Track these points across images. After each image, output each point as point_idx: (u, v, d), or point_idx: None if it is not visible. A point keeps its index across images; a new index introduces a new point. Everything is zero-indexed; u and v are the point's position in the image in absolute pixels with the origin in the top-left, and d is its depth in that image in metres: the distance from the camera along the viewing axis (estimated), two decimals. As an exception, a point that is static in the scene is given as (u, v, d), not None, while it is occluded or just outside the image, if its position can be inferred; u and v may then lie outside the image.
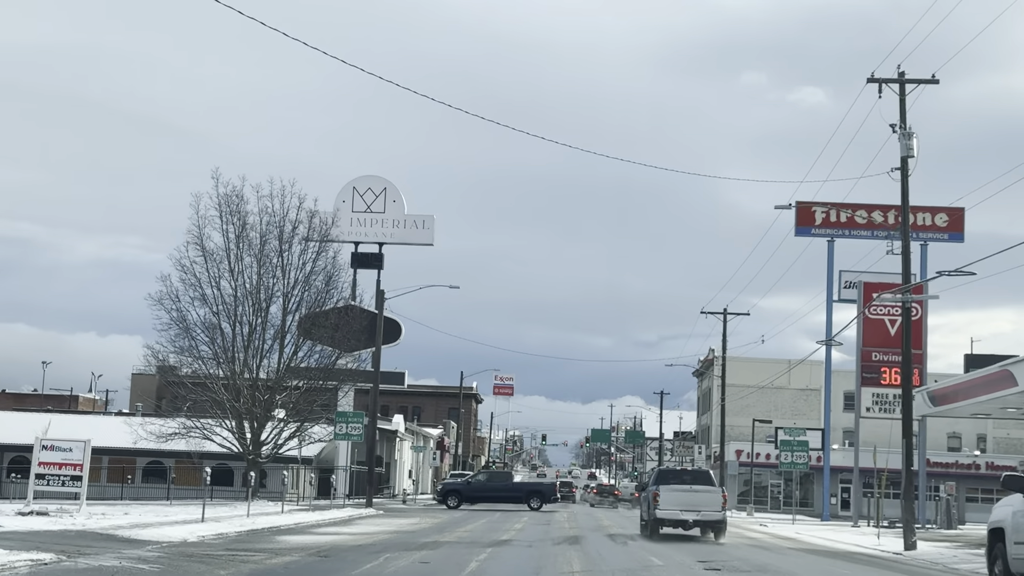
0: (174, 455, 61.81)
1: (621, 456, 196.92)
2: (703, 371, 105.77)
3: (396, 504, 64.55)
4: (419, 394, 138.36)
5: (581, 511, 71.70)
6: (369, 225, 78.50)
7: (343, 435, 49.52)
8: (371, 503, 50.51)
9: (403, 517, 43.93)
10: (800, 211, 66.55)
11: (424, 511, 53.04)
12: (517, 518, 46.89)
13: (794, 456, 52.73)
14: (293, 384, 50.14)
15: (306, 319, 49.80)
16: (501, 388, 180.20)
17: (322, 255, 50.47)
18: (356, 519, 40.67)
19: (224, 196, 48.83)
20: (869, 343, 51.87)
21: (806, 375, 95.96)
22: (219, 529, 26.97)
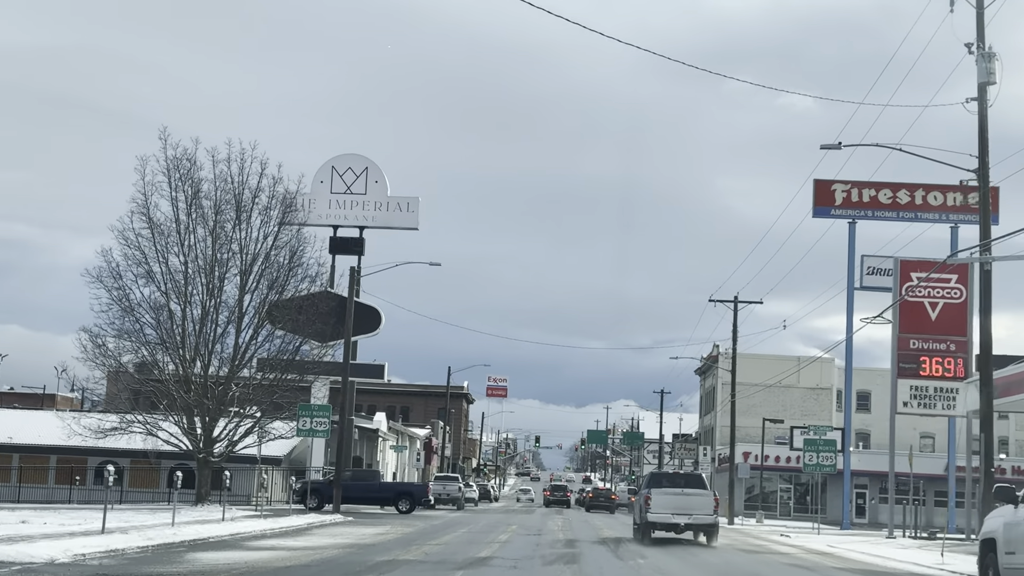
0: (129, 454, 55.88)
1: (617, 459, 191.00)
2: (707, 369, 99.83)
3: (373, 509, 58.53)
4: (407, 393, 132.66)
5: (576, 517, 65.90)
6: (349, 207, 72.64)
7: (307, 431, 43.59)
8: (339, 508, 44.57)
9: (371, 525, 38.00)
10: (818, 189, 60.75)
11: (402, 517, 47.12)
12: (504, 526, 40.99)
13: (820, 458, 46.81)
14: (252, 374, 44.11)
15: (269, 302, 43.76)
16: (494, 389, 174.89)
17: (286, 228, 44.42)
18: (314, 528, 34.74)
19: (173, 159, 42.94)
20: (907, 329, 46.01)
21: (816, 374, 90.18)
22: (117, 544, 21.06)
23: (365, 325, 62.55)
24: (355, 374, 63.07)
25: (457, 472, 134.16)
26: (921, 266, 46.81)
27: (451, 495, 68.84)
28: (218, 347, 43.53)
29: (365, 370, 63.79)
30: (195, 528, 27.90)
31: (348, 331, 46.67)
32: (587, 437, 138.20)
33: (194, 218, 43.30)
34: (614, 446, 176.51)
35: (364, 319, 62.63)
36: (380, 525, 38.65)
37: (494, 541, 29.99)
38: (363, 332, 62.86)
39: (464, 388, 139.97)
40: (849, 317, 58.87)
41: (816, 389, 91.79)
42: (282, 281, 44.13)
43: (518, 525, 43.95)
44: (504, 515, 60.34)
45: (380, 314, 62.77)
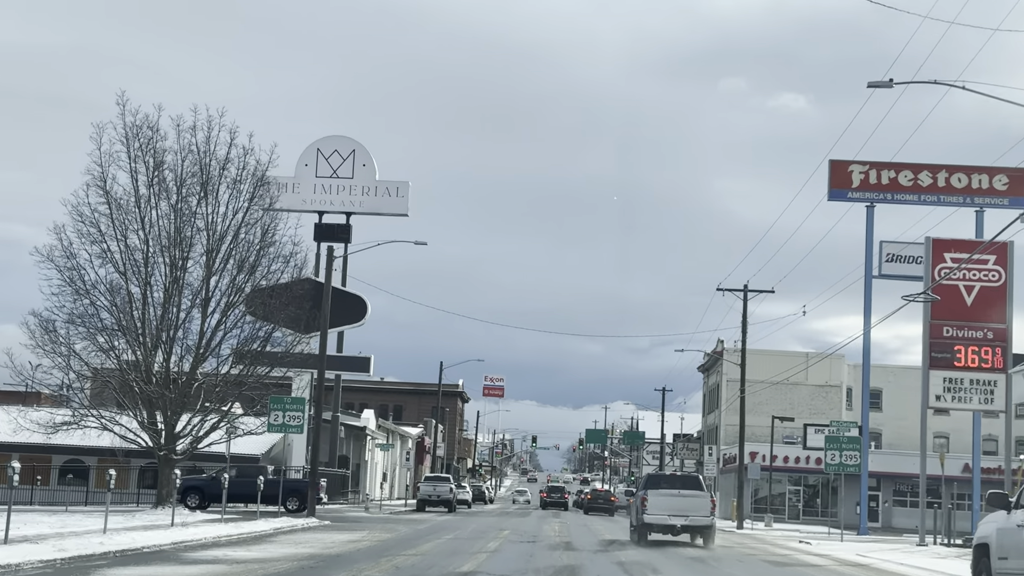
0: (97, 452, 52.02)
1: (615, 461, 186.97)
2: (711, 365, 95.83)
3: (357, 512, 54.58)
4: (400, 391, 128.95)
5: (574, 520, 61.99)
6: (335, 192, 68.73)
7: (279, 426, 39.61)
8: (313, 512, 40.59)
9: (347, 531, 34.08)
10: (834, 171, 56.77)
11: (383, 522, 43.19)
12: (495, 532, 37.06)
13: (843, 456, 42.77)
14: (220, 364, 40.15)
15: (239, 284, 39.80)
16: (491, 389, 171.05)
17: (258, 202, 40.40)
18: (280, 534, 30.82)
19: (133, 127, 38.93)
20: (940, 315, 41.94)
21: (825, 371, 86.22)
22: (15, 558, 17.11)
23: (349, 315, 58.66)
24: (338, 367, 59.22)
25: (451, 473, 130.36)
26: (955, 245, 42.87)
27: (442, 497, 64.90)
28: (181, 334, 39.49)
29: (349, 363, 59.83)
30: (132, 536, 23.97)
31: (324, 318, 42.74)
32: (585, 437, 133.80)
33: (156, 192, 39.33)
34: (613, 446, 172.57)
35: (348, 308, 58.75)
36: (357, 530, 34.72)
37: (481, 551, 26.04)
38: (347, 322, 58.98)
39: (459, 387, 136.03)
40: (867, 307, 54.89)
41: (825, 387, 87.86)
42: (253, 261, 40.09)
43: (511, 530, 40.03)
44: (498, 518, 56.41)
45: (365, 303, 58.84)
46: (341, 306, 58.70)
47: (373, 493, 78.15)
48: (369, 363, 58.37)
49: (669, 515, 32.47)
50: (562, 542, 31.62)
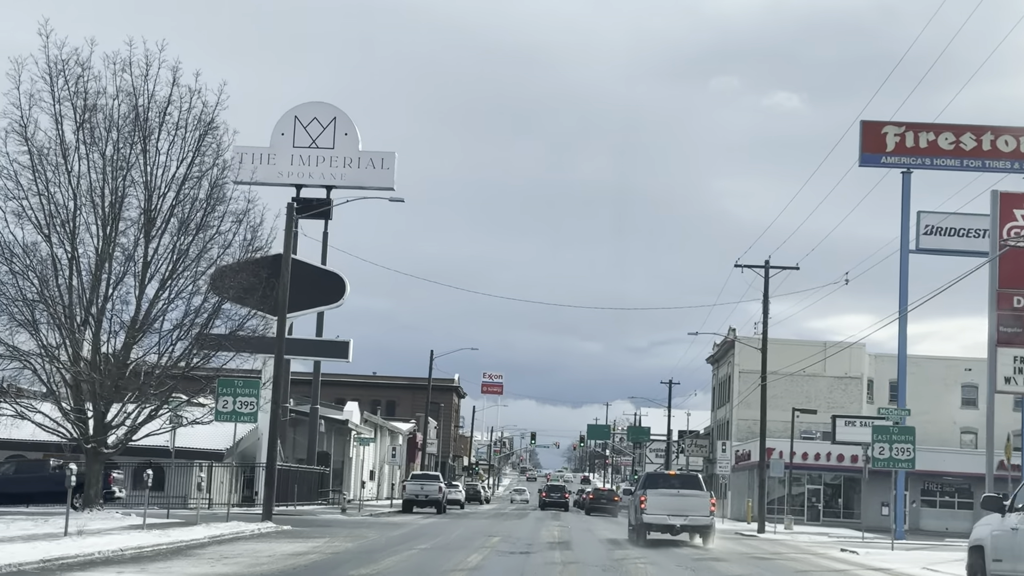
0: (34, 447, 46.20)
1: (617, 459, 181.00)
2: (721, 356, 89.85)
3: (331, 514, 48.71)
4: (393, 386, 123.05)
5: (576, 522, 56.17)
6: (314, 164, 62.81)
7: (228, 414, 33.63)
8: (270, 514, 34.62)
9: (302, 539, 28.21)
10: (867, 133, 50.88)
11: (355, 527, 37.32)
12: (483, 539, 31.18)
13: (894, 450, 36.79)
14: (163, 341, 34.21)
15: (180, 248, 33.85)
16: (490, 386, 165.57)
17: (205, 153, 34.38)
18: (212, 544, 24.97)
19: (58, 62, 32.94)
20: (1010, 282, 35.91)
21: (844, 361, 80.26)
22: None
23: (324, 294, 52.76)
24: (313, 352, 53.34)
25: (447, 471, 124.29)
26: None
27: (430, 497, 59.02)
28: (114, 306, 33.53)
29: (324, 348, 53.86)
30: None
31: (284, 288, 36.73)
32: (587, 433, 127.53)
33: (86, 140, 33.36)
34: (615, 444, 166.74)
35: (323, 287, 52.87)
36: (315, 538, 28.83)
37: (456, 568, 20.12)
38: (322, 302, 53.06)
39: (454, 381, 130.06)
40: (903, 284, 49.07)
41: (844, 378, 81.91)
42: (199, 221, 34.07)
43: (502, 536, 34.14)
44: (490, 521, 50.54)
45: (343, 282, 52.90)
46: (316, 285, 52.90)
47: (357, 493, 72.25)
48: (347, 348, 52.41)
49: (668, 515, 32.22)
50: (562, 559, 25.67)
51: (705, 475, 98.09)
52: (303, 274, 52.90)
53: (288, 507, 50.54)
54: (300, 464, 60.21)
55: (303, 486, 55.72)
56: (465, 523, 45.21)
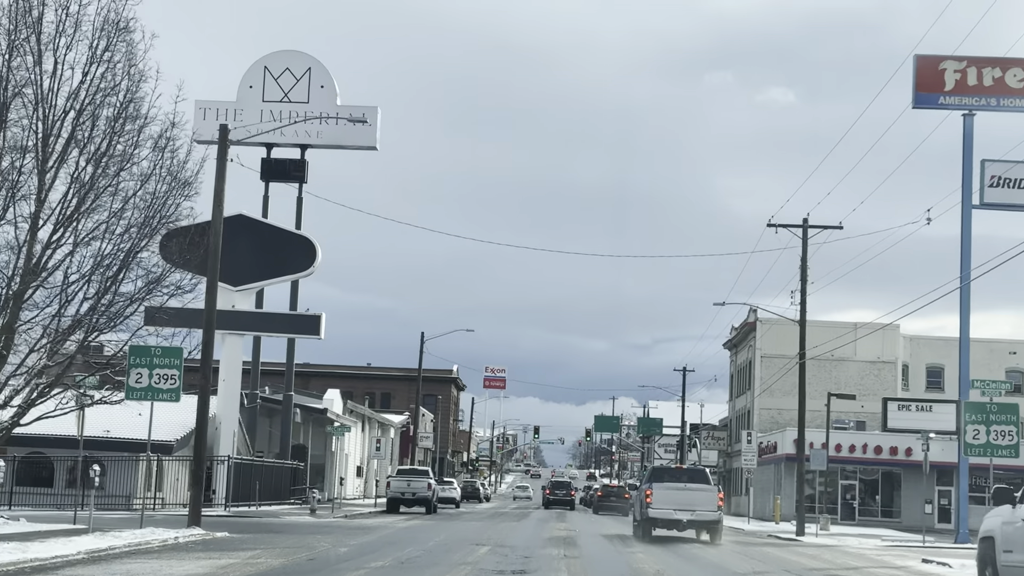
0: None
1: (625, 455, 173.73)
2: (739, 340, 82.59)
3: (297, 516, 41.62)
4: (388, 378, 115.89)
5: (584, 522, 49.29)
6: (287, 120, 55.44)
7: (142, 391, 26.37)
8: (198, 519, 27.39)
9: (225, 552, 21.22)
10: (922, 70, 43.71)
11: (316, 532, 30.27)
12: (468, 549, 24.07)
13: (993, 434, 29.49)
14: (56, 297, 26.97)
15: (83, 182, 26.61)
16: (492, 381, 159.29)
17: (114, 61, 27.04)
18: (84, 562, 17.95)
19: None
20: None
21: (876, 344, 72.98)
22: None
23: (290, 261, 45.70)
24: (277, 328, 46.25)
25: (444, 468, 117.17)
26: None
27: (418, 495, 51.95)
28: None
29: (290, 323, 46.62)
30: None
31: (215, 231, 29.40)
32: (594, 425, 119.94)
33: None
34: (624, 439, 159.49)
35: (289, 252, 45.82)
36: (241, 551, 21.74)
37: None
38: (290, 270, 45.99)
39: (453, 372, 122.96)
40: (966, 241, 41.89)
41: (877, 363, 74.63)
42: (104, 147, 26.76)
43: (494, 544, 27.07)
44: (485, 522, 43.44)
45: (314, 246, 45.75)
46: (282, 250, 45.86)
47: (336, 490, 65.17)
48: (319, 323, 45.19)
49: (674, 509, 31.67)
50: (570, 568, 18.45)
51: (722, 470, 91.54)
52: (266, 237, 46.09)
53: (249, 508, 43.46)
54: (271, 458, 53.15)
55: (271, 484, 48.65)
56: (454, 526, 38.09)
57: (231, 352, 44.85)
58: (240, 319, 44.73)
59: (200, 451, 27.75)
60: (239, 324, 44.73)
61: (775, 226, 44.26)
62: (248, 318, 44.79)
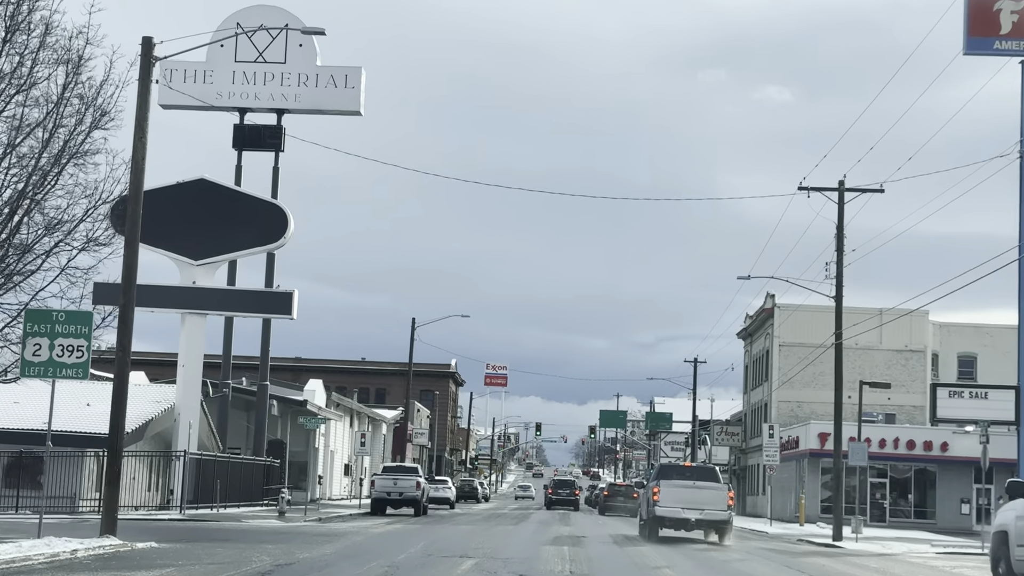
0: None
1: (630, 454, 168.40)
2: (755, 329, 77.27)
3: (262, 519, 36.37)
4: (384, 372, 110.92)
5: (590, 524, 44.31)
6: (262, 82, 50.31)
7: (41, 366, 21.03)
8: (113, 526, 22.07)
9: (121, 572, 15.94)
10: (975, 11, 38.46)
11: (264, 540, 25.16)
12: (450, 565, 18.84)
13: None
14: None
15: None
16: (493, 378, 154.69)
17: None
18: None
19: None
20: None
21: (904, 331, 67.70)
22: None
23: (258, 231, 40.38)
24: (243, 306, 41.03)
25: (442, 466, 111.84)
26: None
27: (405, 495, 46.73)
28: None
29: (258, 300, 41.19)
30: None
31: (136, 171, 23.90)
32: (599, 420, 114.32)
33: None
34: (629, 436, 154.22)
35: (257, 221, 40.52)
36: (157, 566, 16.63)
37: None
38: (257, 242, 40.72)
39: (451, 367, 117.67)
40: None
41: (904, 351, 69.29)
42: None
43: (483, 556, 21.88)
44: (478, 526, 38.21)
45: (285, 215, 40.44)
46: (248, 219, 40.59)
47: (319, 491, 60.02)
48: (290, 301, 39.83)
49: (683, 508, 30.67)
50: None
51: (736, 468, 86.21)
52: (231, 205, 40.89)
53: (210, 510, 38.21)
54: (245, 454, 47.96)
55: (240, 483, 43.43)
56: (441, 531, 32.84)
57: (191, 334, 39.58)
58: (200, 297, 39.49)
59: (115, 442, 22.49)
60: (199, 302, 39.49)
61: (807, 189, 38.94)
62: (209, 296, 39.53)
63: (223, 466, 41.40)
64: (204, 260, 39.82)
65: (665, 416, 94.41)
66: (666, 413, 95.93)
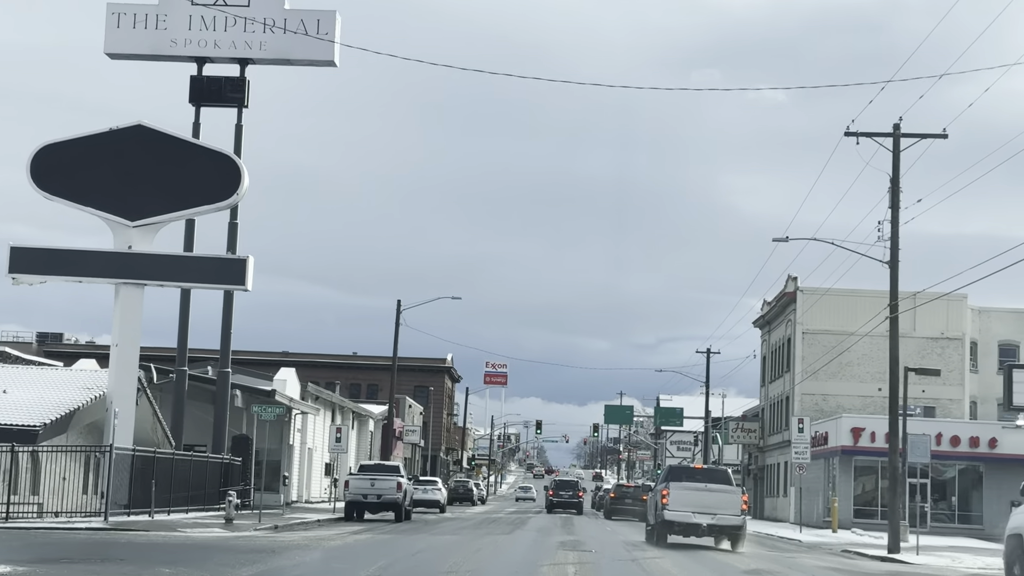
0: None
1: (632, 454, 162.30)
2: (774, 317, 71.03)
3: (200, 529, 30.20)
4: (375, 367, 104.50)
5: (595, 529, 38.73)
6: (222, 28, 44.13)
7: None
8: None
9: None
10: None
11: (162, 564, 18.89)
12: None
13: None
14: None
15: None
16: (493, 376, 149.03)
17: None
18: None
19: None
20: None
21: (940, 317, 61.45)
22: None
23: (206, 187, 34.23)
24: (185, 275, 35.05)
25: (437, 466, 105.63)
26: None
27: (384, 497, 40.69)
28: None
29: (203, 269, 34.73)
30: None
31: None
32: (604, 416, 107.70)
33: None
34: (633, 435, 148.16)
35: (205, 175, 34.37)
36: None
37: None
38: (205, 200, 34.51)
39: (446, 362, 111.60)
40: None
41: (940, 339, 63.01)
42: None
43: None
44: (464, 535, 32.09)
45: (238, 167, 34.26)
46: (195, 173, 34.45)
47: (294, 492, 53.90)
48: (244, 269, 33.55)
49: (693, 512, 28.92)
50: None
51: (754, 468, 79.99)
52: (175, 157, 34.88)
53: (145, 516, 32.06)
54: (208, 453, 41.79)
55: (190, 484, 37.29)
56: (416, 542, 26.68)
57: (127, 308, 33.47)
58: (136, 264, 33.37)
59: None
60: (135, 271, 33.37)
61: (855, 134, 32.86)
62: (147, 263, 33.37)
63: (166, 464, 35.22)
64: (142, 221, 33.69)
65: (675, 411, 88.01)
66: (676, 408, 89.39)
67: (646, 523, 34.39)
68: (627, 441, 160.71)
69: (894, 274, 33.23)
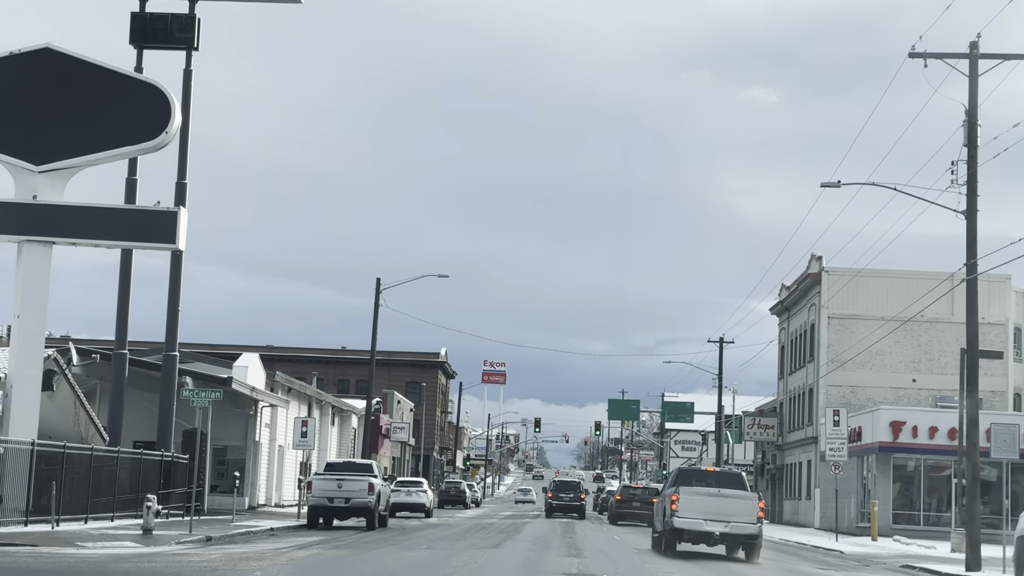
0: None
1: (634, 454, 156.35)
2: (793, 302, 64.88)
3: (108, 544, 24.15)
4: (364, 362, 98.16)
5: (601, 538, 33.47)
6: (168, -43, 37.97)
7: None
8: None
9: None
10: None
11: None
12: None
13: None
14: None
15: None
16: (491, 375, 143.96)
17: None
18: None
19: None
20: None
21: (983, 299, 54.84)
22: None
23: (129, 124, 28.02)
24: (104, 232, 28.55)
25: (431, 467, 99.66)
26: None
27: (352, 502, 34.72)
28: None
29: (124, 223, 28.32)
30: None
31: None
32: (608, 411, 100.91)
33: None
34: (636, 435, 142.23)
35: (127, 110, 28.19)
36: None
37: None
38: (128, 140, 28.24)
39: (440, 356, 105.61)
40: None
41: (982, 325, 56.21)
42: None
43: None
44: (438, 550, 26.10)
45: (168, 99, 27.99)
46: (116, 107, 28.26)
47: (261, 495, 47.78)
48: (174, 224, 27.44)
49: (705, 519, 27.20)
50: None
51: (771, 467, 74.05)
52: (91, 88, 28.56)
53: (41, 527, 25.92)
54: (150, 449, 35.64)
55: (113, 486, 31.18)
56: (373, 563, 20.63)
57: (32, 271, 27.37)
58: (43, 217, 27.24)
59: None
60: (41, 225, 27.26)
61: (922, 55, 26.77)
62: (56, 215, 27.25)
63: (83, 462, 29.12)
64: (50, 165, 27.55)
65: (685, 406, 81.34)
66: (686, 402, 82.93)
67: (653, 529, 32.65)
68: (629, 441, 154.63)
69: (971, 225, 27.07)
